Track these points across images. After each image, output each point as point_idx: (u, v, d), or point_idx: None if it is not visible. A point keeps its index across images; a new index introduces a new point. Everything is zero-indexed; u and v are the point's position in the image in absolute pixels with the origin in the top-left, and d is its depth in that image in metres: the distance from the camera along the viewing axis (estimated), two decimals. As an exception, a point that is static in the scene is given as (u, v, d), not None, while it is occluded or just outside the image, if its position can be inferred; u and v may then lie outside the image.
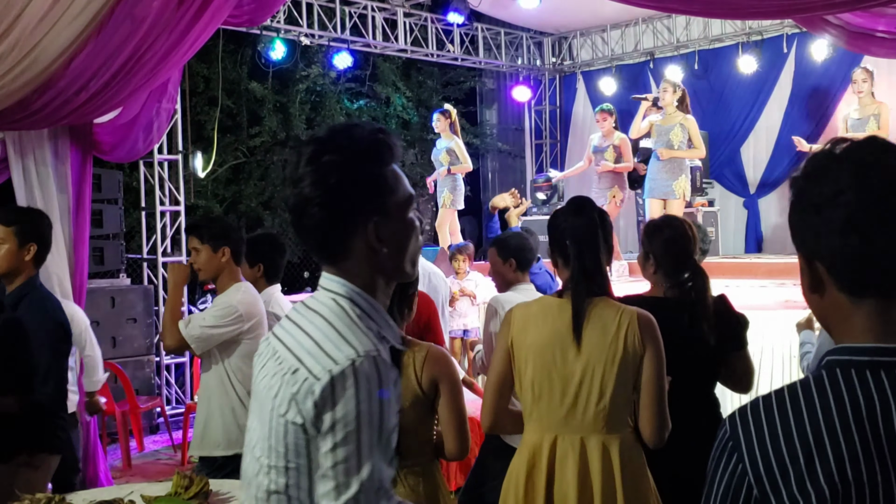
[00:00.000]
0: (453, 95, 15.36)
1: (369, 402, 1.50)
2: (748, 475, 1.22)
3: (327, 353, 1.53)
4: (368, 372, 1.50)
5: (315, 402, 1.50)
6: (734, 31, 11.50)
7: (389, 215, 1.63)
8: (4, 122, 5.18)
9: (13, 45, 4.66)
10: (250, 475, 1.66)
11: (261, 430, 1.63)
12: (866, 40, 7.44)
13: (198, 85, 13.23)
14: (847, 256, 1.23)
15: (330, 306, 1.62)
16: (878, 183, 1.21)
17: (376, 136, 1.63)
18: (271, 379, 1.62)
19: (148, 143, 6.85)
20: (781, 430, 1.21)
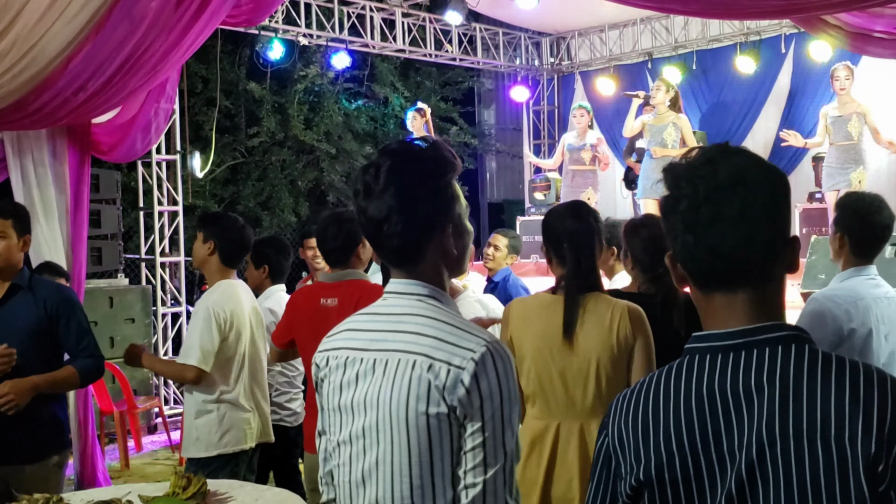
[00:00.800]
0: (451, 95, 15.36)
1: (507, 380, 1.69)
2: (610, 445, 1.44)
3: (457, 344, 1.69)
4: (502, 353, 1.70)
5: (466, 388, 1.65)
6: (732, 31, 11.51)
7: (457, 221, 1.80)
8: (3, 122, 5.18)
9: (11, 45, 4.66)
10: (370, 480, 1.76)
11: (383, 433, 1.73)
12: (864, 40, 7.44)
13: (196, 85, 13.22)
14: (688, 254, 1.40)
15: (422, 306, 1.77)
16: (704, 188, 1.36)
17: (441, 151, 1.80)
18: (383, 386, 1.73)
19: (146, 144, 6.85)
20: (634, 407, 1.41)
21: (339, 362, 1.83)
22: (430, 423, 1.67)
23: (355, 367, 1.79)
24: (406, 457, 1.70)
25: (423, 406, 1.67)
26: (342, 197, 14.81)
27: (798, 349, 1.34)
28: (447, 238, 1.78)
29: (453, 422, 1.67)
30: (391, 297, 1.82)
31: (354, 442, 1.78)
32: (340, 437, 1.82)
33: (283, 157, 14.70)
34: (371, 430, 1.75)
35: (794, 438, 1.28)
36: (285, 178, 14.76)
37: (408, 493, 1.70)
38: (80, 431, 5.77)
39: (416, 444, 1.69)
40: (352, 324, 1.88)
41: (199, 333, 3.86)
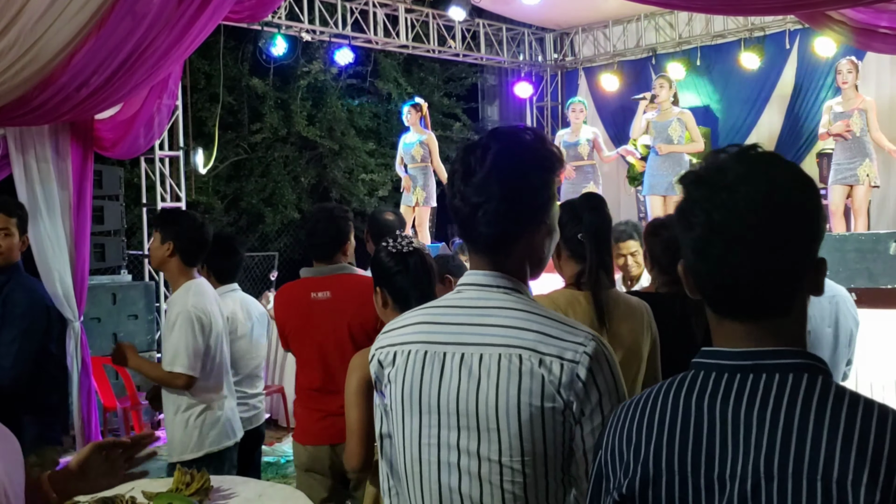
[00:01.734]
0: (455, 91, 15.36)
1: (617, 372, 1.66)
2: (601, 459, 1.39)
3: (563, 339, 1.63)
4: (608, 347, 1.67)
5: (583, 381, 1.60)
6: (736, 27, 11.48)
7: (550, 221, 1.74)
8: (5, 119, 5.18)
9: (14, 42, 4.65)
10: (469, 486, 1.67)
11: (486, 430, 1.63)
12: (869, 36, 7.41)
13: (199, 81, 13.23)
14: (699, 280, 1.32)
15: (511, 300, 1.69)
16: (719, 218, 1.26)
17: (549, 146, 1.73)
18: (481, 378, 1.64)
19: (149, 140, 6.84)
20: (629, 421, 1.36)
21: (416, 357, 1.71)
22: (544, 418, 1.60)
23: (437, 364, 1.68)
24: (519, 454, 1.61)
25: (537, 401, 1.60)
26: (345, 193, 14.82)
27: (810, 380, 1.25)
28: (539, 236, 1.72)
29: (568, 417, 1.61)
30: (470, 289, 1.72)
31: (445, 446, 1.67)
32: (424, 441, 1.70)
33: (286, 154, 14.70)
34: (471, 429, 1.64)
35: (792, 476, 1.20)
36: (288, 174, 14.76)
37: (521, 493, 1.63)
38: (83, 428, 5.77)
39: (529, 441, 1.61)
40: (424, 316, 1.76)
41: (184, 338, 3.79)
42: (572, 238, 2.93)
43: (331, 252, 3.89)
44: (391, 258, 2.89)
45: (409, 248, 2.90)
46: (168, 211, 4.48)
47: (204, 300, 3.92)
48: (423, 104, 9.77)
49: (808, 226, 1.29)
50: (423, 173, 9.47)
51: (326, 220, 3.88)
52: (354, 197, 14.73)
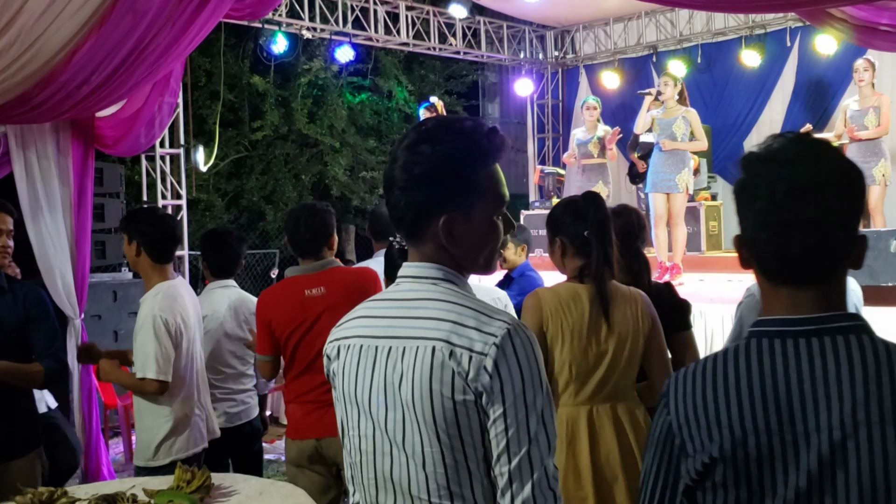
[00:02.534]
0: (455, 89, 15.36)
1: (529, 363, 1.62)
2: (671, 424, 1.45)
3: (478, 328, 1.62)
4: (524, 335, 1.63)
5: (489, 374, 1.59)
6: (737, 24, 11.47)
7: (469, 215, 1.69)
8: (6, 116, 5.18)
9: (15, 39, 4.65)
10: (399, 474, 1.70)
11: (410, 422, 1.66)
12: (870, 34, 7.41)
13: (199, 78, 13.23)
14: (758, 250, 1.45)
15: (438, 290, 1.70)
16: (782, 190, 1.40)
17: (476, 138, 1.69)
18: (406, 372, 1.66)
19: (150, 138, 6.84)
20: (701, 387, 1.43)
21: (353, 352, 1.75)
22: (457, 410, 1.62)
23: (370, 356, 1.72)
24: (437, 445, 1.64)
25: (448, 392, 1.61)
26: (346, 191, 14.82)
27: (869, 339, 1.40)
28: (447, 225, 1.67)
29: (480, 409, 1.62)
30: (405, 281, 1.74)
31: (378, 436, 1.72)
32: (362, 432, 1.75)
33: (287, 151, 14.71)
34: (396, 422, 1.68)
35: (879, 423, 1.33)
36: (289, 171, 14.77)
37: (444, 482, 1.65)
38: (84, 425, 5.77)
39: (444, 431, 1.63)
40: (364, 310, 1.79)
41: (153, 344, 3.77)
42: (578, 235, 3.09)
43: (318, 247, 3.88)
44: (399, 253, 3.08)
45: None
46: (132, 210, 4.43)
47: (173, 304, 3.88)
48: (436, 103, 9.81)
49: (855, 202, 1.44)
50: None
51: (310, 216, 3.86)
52: (355, 194, 14.73)
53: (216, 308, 4.61)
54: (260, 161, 14.71)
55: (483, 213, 1.70)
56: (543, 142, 13.95)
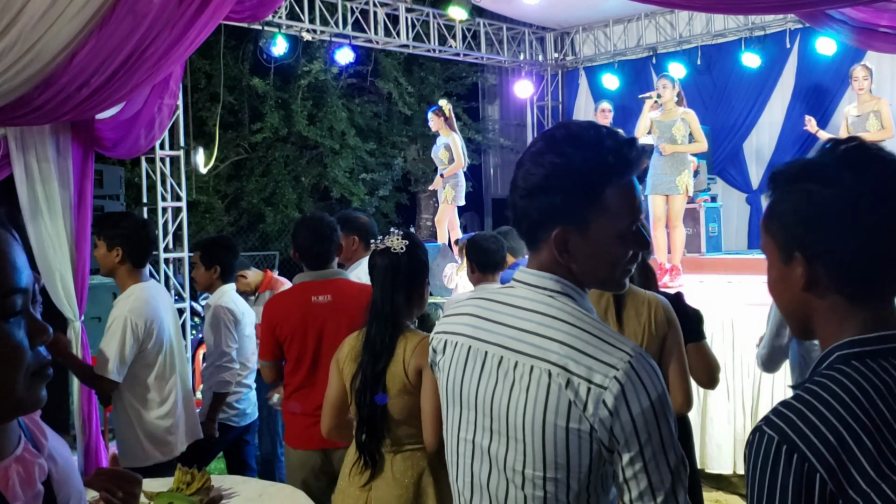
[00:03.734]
0: (455, 91, 15.35)
1: (658, 394, 1.52)
2: (818, 471, 1.23)
3: (596, 357, 1.54)
4: (647, 368, 1.54)
5: (609, 410, 1.51)
6: (737, 26, 11.48)
7: (586, 230, 1.61)
8: (6, 119, 5.18)
9: (14, 41, 4.65)
10: (496, 486, 1.66)
11: (514, 441, 1.61)
12: (870, 36, 7.41)
13: (199, 81, 13.23)
14: (855, 260, 1.31)
15: (554, 306, 1.62)
16: (887, 189, 1.29)
17: (603, 152, 1.60)
18: (518, 391, 1.60)
19: (150, 140, 6.83)
20: (838, 422, 1.23)
21: (461, 350, 1.71)
22: (569, 438, 1.55)
23: (479, 362, 1.67)
24: (541, 468, 1.58)
25: (562, 422, 1.55)
26: (345, 192, 14.82)
27: None
28: (559, 238, 1.61)
29: (594, 439, 1.54)
30: (520, 286, 1.68)
31: (479, 445, 1.68)
32: (462, 435, 1.72)
33: (287, 153, 14.71)
34: (501, 434, 1.63)
35: None
36: (289, 173, 14.77)
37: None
38: (83, 426, 5.77)
39: (552, 458, 1.56)
40: (474, 308, 1.74)
41: (115, 343, 3.84)
42: None
43: (330, 259, 3.96)
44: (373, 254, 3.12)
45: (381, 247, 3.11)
46: (108, 216, 4.46)
47: (145, 307, 3.93)
48: (445, 106, 9.88)
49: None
50: (453, 174, 9.69)
51: (323, 228, 3.95)
52: (355, 196, 14.72)
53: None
54: (260, 163, 14.70)
55: (603, 229, 1.61)
56: (543, 144, 13.92)
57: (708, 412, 5.97)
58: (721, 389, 5.91)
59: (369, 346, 3.00)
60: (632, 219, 1.63)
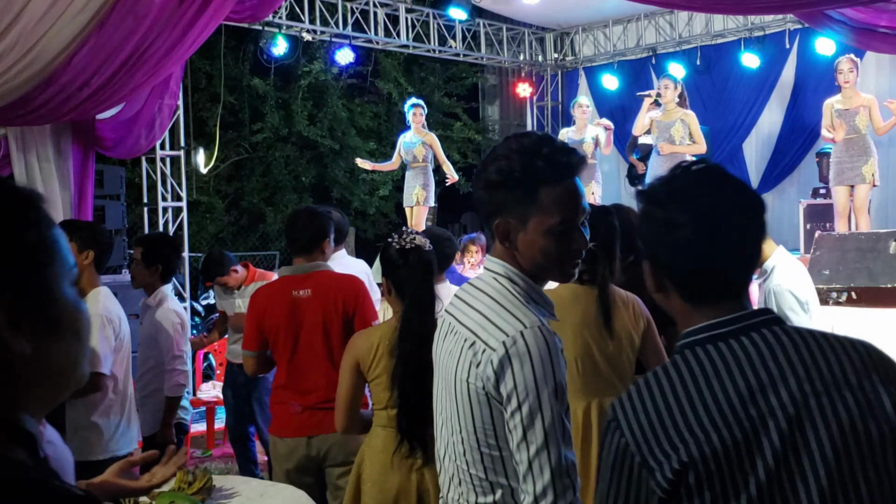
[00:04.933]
0: (455, 91, 15.36)
1: (542, 366, 1.76)
2: (629, 444, 1.49)
3: (498, 326, 1.81)
4: (537, 339, 1.77)
5: (494, 370, 1.78)
6: (736, 26, 11.48)
7: (524, 224, 1.86)
8: (7, 118, 5.19)
9: (15, 42, 4.66)
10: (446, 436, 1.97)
11: (448, 399, 1.92)
12: (868, 36, 7.43)
13: (200, 81, 13.23)
14: (688, 272, 1.56)
15: (493, 285, 1.90)
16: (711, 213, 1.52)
17: (534, 158, 1.85)
18: (452, 351, 1.91)
19: (150, 140, 6.86)
20: (651, 403, 1.49)
21: (443, 326, 2.01)
22: (470, 392, 1.83)
23: (443, 332, 1.99)
24: (458, 423, 1.89)
25: (464, 376, 1.84)
26: (346, 192, 14.83)
27: (782, 328, 1.53)
28: (499, 228, 1.87)
29: (489, 395, 1.80)
30: (483, 271, 1.97)
31: (437, 406, 2.01)
32: (435, 394, 2.03)
33: (287, 153, 14.71)
34: (445, 393, 1.95)
35: (825, 392, 1.45)
36: (289, 173, 14.77)
37: (462, 458, 1.89)
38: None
39: (463, 414, 1.86)
40: (461, 291, 2.01)
41: (100, 339, 3.90)
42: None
43: (312, 248, 3.97)
44: (395, 253, 3.18)
45: (411, 245, 3.18)
46: (77, 221, 4.52)
47: (114, 305, 4.08)
48: (423, 104, 9.82)
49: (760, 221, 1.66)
50: (424, 173, 9.53)
51: (309, 217, 4.00)
52: (355, 196, 14.73)
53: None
54: (260, 163, 14.71)
55: (537, 224, 1.85)
56: (543, 144, 13.93)
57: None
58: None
59: (413, 335, 3.06)
60: (562, 217, 1.86)
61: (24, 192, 1.00)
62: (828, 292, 5.90)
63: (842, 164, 7.84)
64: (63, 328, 0.99)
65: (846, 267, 5.96)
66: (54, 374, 1.00)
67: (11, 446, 0.94)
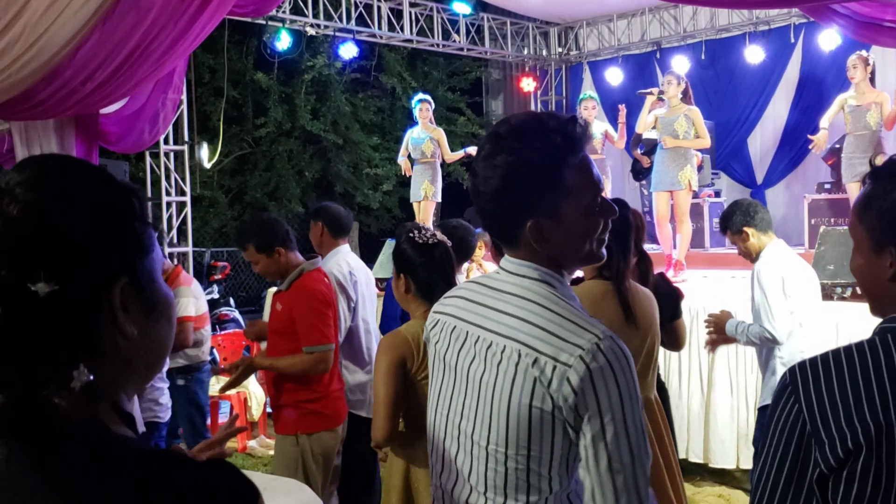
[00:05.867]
0: (459, 86, 15.34)
1: (625, 380, 1.56)
2: (803, 412, 1.44)
3: (565, 339, 1.58)
4: (615, 351, 1.57)
5: (574, 388, 1.55)
6: (741, 20, 11.46)
7: (556, 214, 1.65)
8: (11, 113, 5.19)
9: (19, 35, 4.66)
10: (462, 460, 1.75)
11: (481, 417, 1.68)
12: (874, 30, 7.39)
13: (203, 75, 13.23)
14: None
15: (535, 290, 1.68)
16: None
17: (551, 136, 1.63)
18: (491, 366, 1.67)
19: (154, 134, 6.85)
20: (836, 377, 1.44)
21: (447, 330, 1.80)
22: (531, 416, 1.59)
23: (460, 342, 1.76)
24: (503, 446, 1.64)
25: (527, 399, 1.59)
26: (349, 187, 14.82)
27: None
28: (534, 230, 1.65)
29: (556, 418, 1.58)
30: (504, 273, 1.74)
31: (452, 419, 1.77)
32: (440, 409, 1.81)
33: (291, 148, 14.70)
34: (470, 409, 1.71)
35: None
36: (292, 168, 14.77)
37: (501, 483, 1.66)
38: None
39: (514, 436, 1.62)
40: (464, 291, 1.83)
41: None
42: None
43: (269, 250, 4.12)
44: (416, 249, 3.04)
45: (434, 241, 3.05)
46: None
47: None
48: (430, 99, 9.72)
49: None
50: (432, 168, 9.48)
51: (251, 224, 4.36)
52: (359, 191, 14.73)
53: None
54: (263, 158, 14.71)
55: (572, 208, 1.65)
56: (547, 138, 13.91)
57: (711, 408, 5.97)
58: (724, 385, 5.91)
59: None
60: (594, 192, 1.67)
61: (130, 186, 1.06)
62: (832, 287, 5.89)
63: (853, 160, 7.86)
64: (160, 312, 1.07)
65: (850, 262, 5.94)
66: (150, 357, 1.07)
67: (121, 426, 1.00)
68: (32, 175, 0.97)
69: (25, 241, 0.93)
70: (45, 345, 0.93)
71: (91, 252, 0.96)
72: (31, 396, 0.92)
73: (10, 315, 0.92)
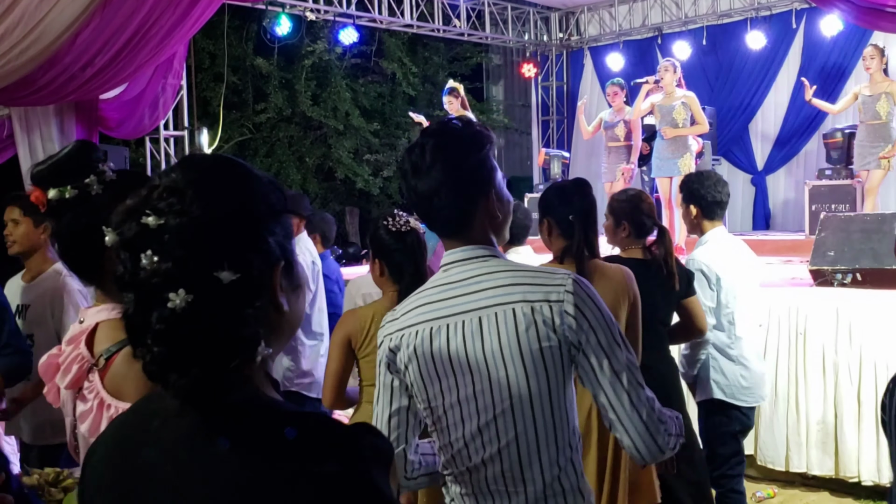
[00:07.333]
0: (459, 71, 15.29)
1: (598, 299, 1.85)
2: None
3: (545, 284, 1.83)
4: (582, 281, 1.85)
5: (572, 316, 1.80)
6: (743, 6, 11.42)
7: (497, 189, 1.91)
8: (10, 99, 5.18)
9: (18, 21, 4.65)
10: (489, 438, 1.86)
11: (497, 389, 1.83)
12: (875, 15, 7.38)
13: (203, 61, 13.18)
14: None
15: (492, 264, 1.88)
16: None
17: (474, 127, 1.93)
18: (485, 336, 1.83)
19: (154, 120, 6.85)
20: None
21: (424, 336, 1.89)
22: (545, 358, 1.80)
23: (444, 334, 1.87)
24: (528, 399, 1.82)
25: (535, 345, 1.80)
26: (349, 173, 14.81)
27: None
28: (491, 204, 1.89)
29: (564, 352, 1.81)
30: (454, 266, 1.91)
31: (465, 403, 1.87)
32: (447, 403, 1.89)
33: (291, 134, 14.67)
34: (484, 386, 1.84)
35: None
36: (293, 154, 14.75)
37: (533, 436, 1.83)
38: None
39: (535, 382, 1.81)
40: (420, 300, 1.93)
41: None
42: (563, 219, 3.28)
43: None
44: (390, 235, 3.19)
45: (407, 228, 3.19)
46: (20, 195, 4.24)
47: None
48: (459, 87, 9.49)
49: None
50: None
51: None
52: (359, 177, 14.71)
53: None
54: (264, 143, 14.68)
55: (502, 184, 1.93)
56: (548, 124, 13.92)
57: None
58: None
59: None
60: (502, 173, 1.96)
61: (275, 179, 1.21)
62: (833, 274, 5.89)
63: (863, 148, 7.99)
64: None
65: (851, 248, 5.94)
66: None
67: (271, 389, 1.14)
68: (198, 175, 1.11)
69: (210, 236, 1.05)
70: (230, 324, 1.05)
71: (262, 242, 1.10)
72: (223, 369, 1.05)
73: (199, 300, 1.03)
